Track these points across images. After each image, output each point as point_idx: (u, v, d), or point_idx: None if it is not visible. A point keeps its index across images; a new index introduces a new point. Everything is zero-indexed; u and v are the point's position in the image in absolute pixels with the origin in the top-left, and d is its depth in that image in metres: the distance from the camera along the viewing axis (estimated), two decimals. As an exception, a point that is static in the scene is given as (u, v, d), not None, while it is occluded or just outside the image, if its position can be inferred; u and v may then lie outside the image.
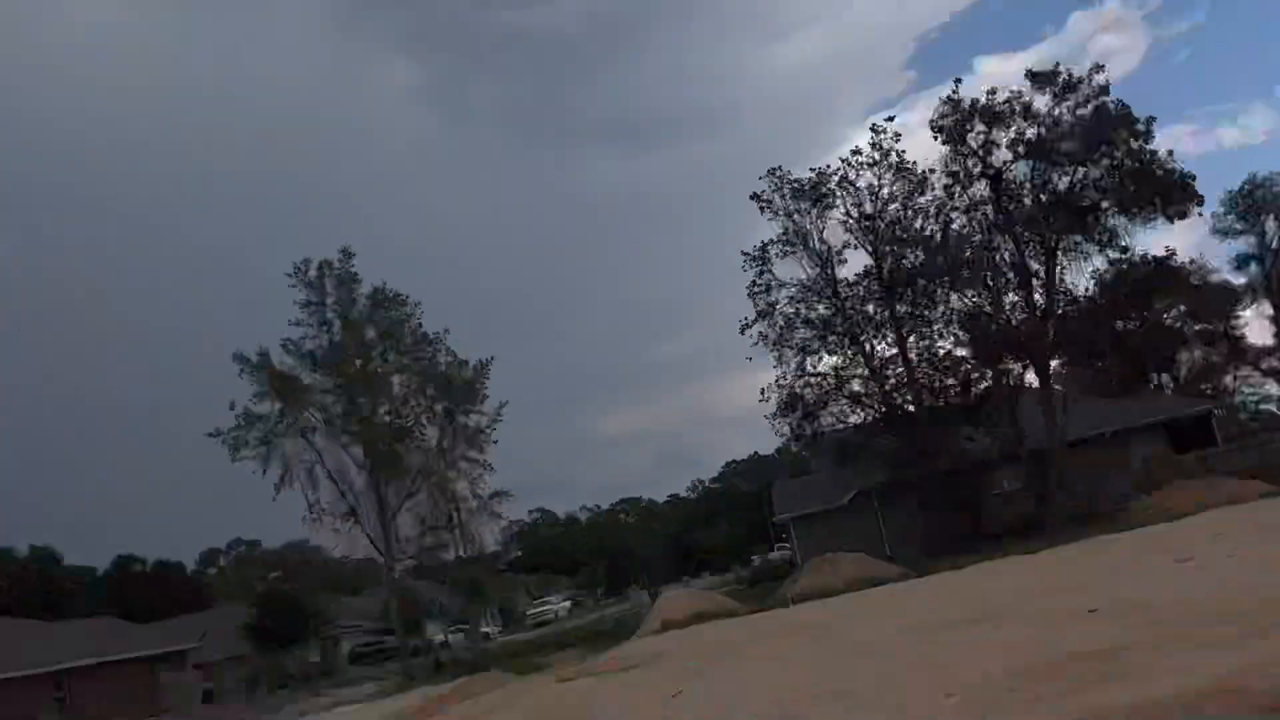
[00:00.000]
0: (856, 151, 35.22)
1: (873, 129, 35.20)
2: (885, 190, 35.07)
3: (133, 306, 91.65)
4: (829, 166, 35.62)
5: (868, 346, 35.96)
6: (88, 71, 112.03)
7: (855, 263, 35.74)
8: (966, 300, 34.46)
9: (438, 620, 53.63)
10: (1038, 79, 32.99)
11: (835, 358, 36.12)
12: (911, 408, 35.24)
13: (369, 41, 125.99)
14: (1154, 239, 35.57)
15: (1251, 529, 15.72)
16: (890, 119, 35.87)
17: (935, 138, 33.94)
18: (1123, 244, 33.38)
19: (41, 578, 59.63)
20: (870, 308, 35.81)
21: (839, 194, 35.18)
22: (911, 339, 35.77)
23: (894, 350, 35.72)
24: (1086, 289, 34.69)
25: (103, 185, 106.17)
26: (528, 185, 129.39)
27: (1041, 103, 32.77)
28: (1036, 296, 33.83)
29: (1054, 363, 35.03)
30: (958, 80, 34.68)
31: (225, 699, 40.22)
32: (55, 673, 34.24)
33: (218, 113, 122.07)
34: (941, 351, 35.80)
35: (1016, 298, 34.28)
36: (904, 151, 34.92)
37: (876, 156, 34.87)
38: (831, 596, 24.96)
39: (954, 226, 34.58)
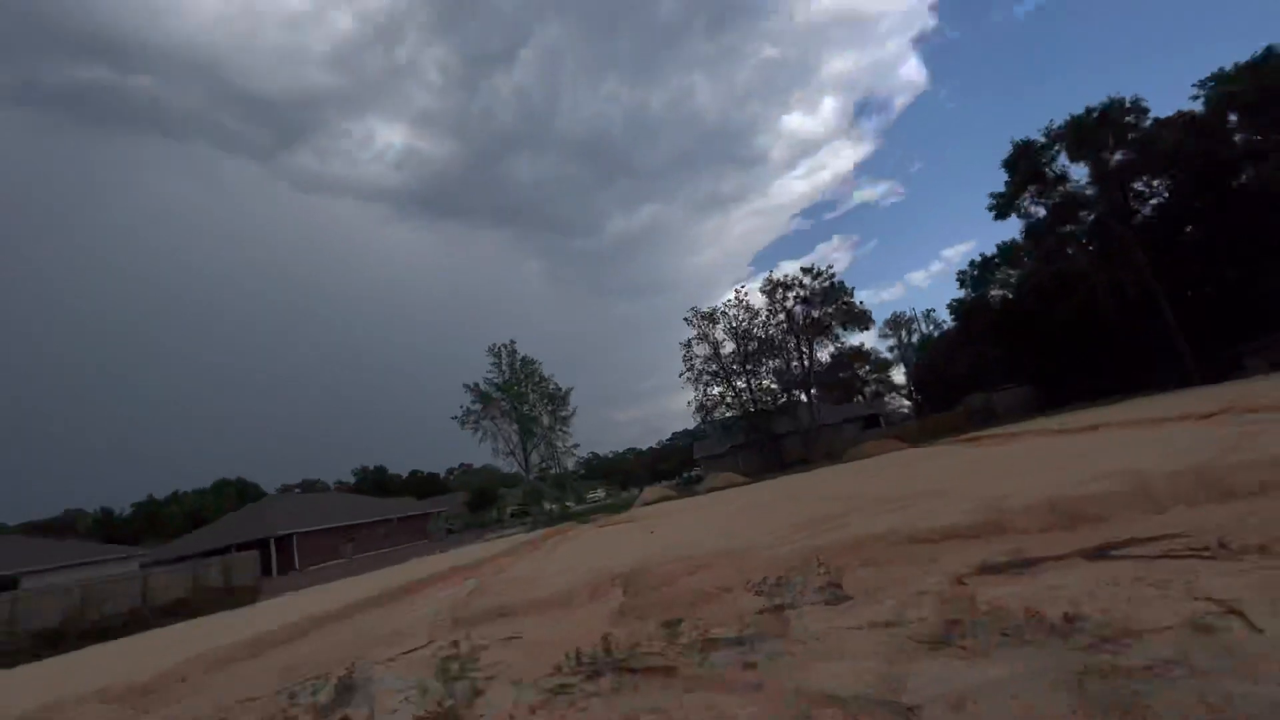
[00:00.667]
0: (729, 300, 45.97)
1: (735, 291, 46.37)
2: (740, 316, 44.63)
3: (439, 368, 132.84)
4: (717, 306, 47.58)
5: (734, 384, 45.03)
6: (395, 277, 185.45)
7: (727, 348, 44.92)
8: (775, 363, 44.58)
9: (547, 499, 65.58)
10: (806, 271, 44.13)
11: (719, 388, 45.12)
12: (752, 409, 43.71)
13: (521, 254, 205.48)
14: (855, 338, 49.04)
15: (898, 462, 18.09)
16: (742, 286, 53.39)
17: (762, 295, 44.59)
18: (841, 341, 45.71)
19: (378, 478, 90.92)
20: (735, 366, 44.72)
21: (721, 318, 45.05)
22: (752, 380, 44.78)
23: (745, 385, 44.84)
24: (826, 359, 47.59)
25: (407, 335, 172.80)
26: (588, 314, 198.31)
27: (807, 281, 43.48)
28: (805, 362, 44.19)
29: (813, 390, 45.89)
30: (771, 271, 51.86)
31: (456, 534, 51.15)
32: (383, 521, 46.66)
33: (455, 288, 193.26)
34: (765, 384, 44.93)
35: (796, 362, 44.28)
36: (748, 299, 44.83)
37: (736, 302, 44.79)
38: (717, 491, 29.13)
39: (770, 332, 44.17)
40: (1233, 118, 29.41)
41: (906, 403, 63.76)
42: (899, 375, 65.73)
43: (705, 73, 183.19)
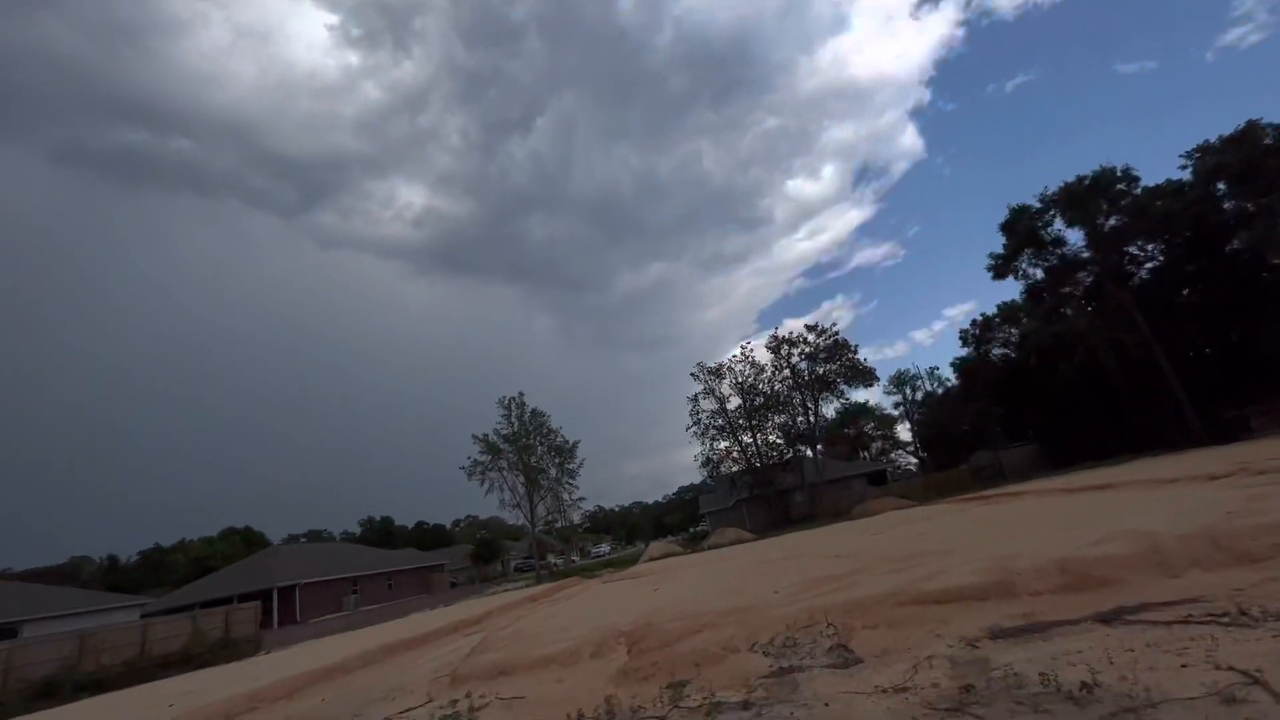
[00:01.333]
0: (734, 356, 47.96)
1: (740, 347, 48.32)
2: (746, 371, 44.10)
3: (448, 420, 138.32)
4: (723, 361, 45.06)
5: (740, 438, 44.13)
6: (411, 331, 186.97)
7: (733, 402, 44.16)
8: (781, 418, 43.76)
9: (553, 553, 65.78)
10: (810, 328, 43.67)
11: (725, 442, 44.20)
12: (758, 464, 42.74)
13: (533, 310, 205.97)
14: (859, 394, 48.78)
15: (904, 520, 17.87)
16: (748, 342, 54.13)
17: (768, 350, 44.14)
18: (846, 397, 44.67)
19: (383, 529, 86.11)
20: (740, 421, 43.89)
21: (727, 373, 44.32)
22: (757, 435, 43.84)
23: (750, 440, 43.91)
24: (831, 414, 47.32)
25: (420, 387, 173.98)
26: (597, 368, 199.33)
27: (811, 338, 43.01)
28: (810, 418, 43.46)
29: (819, 446, 44.99)
30: (776, 328, 47.70)
31: (460, 587, 50.82)
32: (386, 573, 45.21)
33: (468, 342, 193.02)
34: (771, 439, 44.06)
35: (801, 418, 43.58)
36: (754, 355, 44.77)
37: (742, 358, 44.54)
38: (723, 547, 28.21)
39: (776, 387, 43.56)
40: (1221, 186, 30.05)
41: (913, 459, 62.19)
42: (904, 432, 64.22)
43: (711, 140, 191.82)
